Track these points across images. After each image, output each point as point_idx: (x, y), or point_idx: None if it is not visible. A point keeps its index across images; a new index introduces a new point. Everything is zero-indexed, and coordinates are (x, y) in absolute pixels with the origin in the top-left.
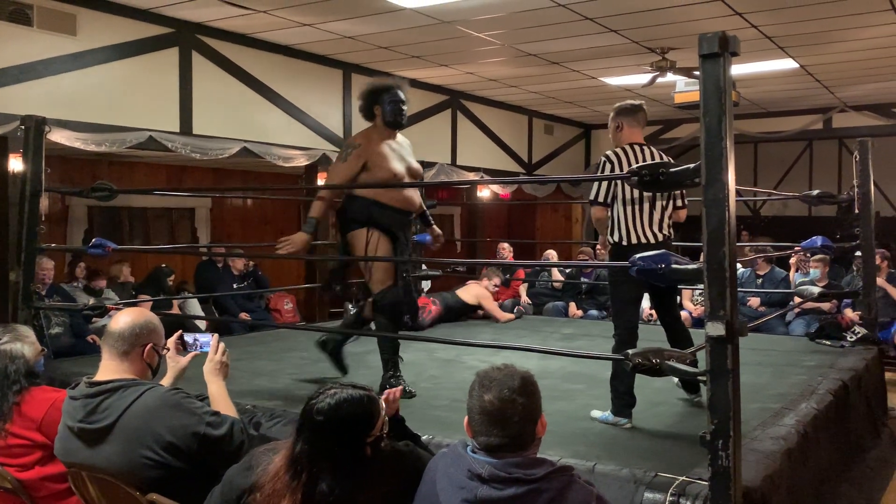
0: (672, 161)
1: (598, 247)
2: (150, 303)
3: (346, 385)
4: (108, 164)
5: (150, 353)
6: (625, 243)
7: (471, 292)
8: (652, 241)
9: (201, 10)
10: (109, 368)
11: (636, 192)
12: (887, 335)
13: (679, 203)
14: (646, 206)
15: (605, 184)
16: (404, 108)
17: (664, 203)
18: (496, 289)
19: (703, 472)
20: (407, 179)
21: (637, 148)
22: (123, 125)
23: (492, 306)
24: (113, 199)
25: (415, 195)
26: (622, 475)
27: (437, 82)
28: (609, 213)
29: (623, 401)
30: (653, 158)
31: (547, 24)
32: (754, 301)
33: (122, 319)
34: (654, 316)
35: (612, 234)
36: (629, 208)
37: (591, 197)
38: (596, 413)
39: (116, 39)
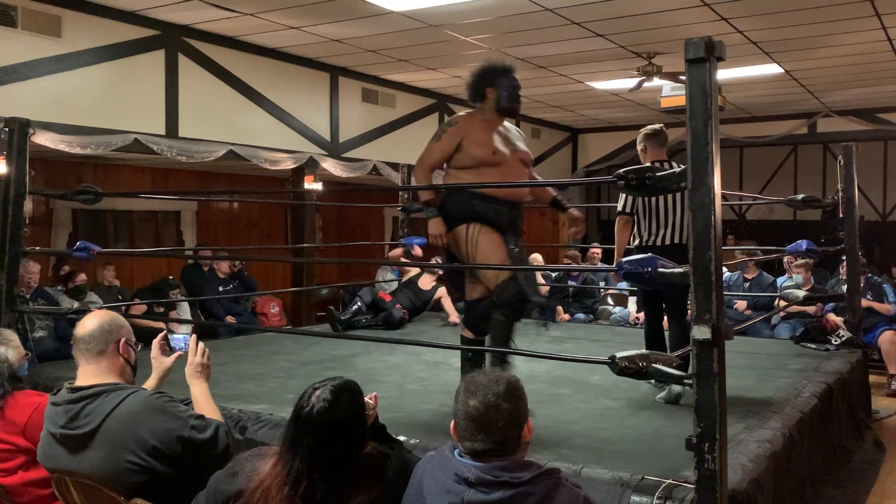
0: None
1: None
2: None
3: (323, 382)
4: (92, 167)
5: (125, 347)
6: (645, 244)
7: (434, 288)
8: (668, 243)
9: (187, 12)
10: (89, 373)
11: (653, 202)
12: (871, 338)
13: None
14: (661, 213)
15: (629, 196)
16: (520, 94)
17: (682, 211)
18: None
19: (689, 475)
20: (513, 163)
21: (658, 164)
22: (108, 128)
23: (450, 305)
24: (98, 201)
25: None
26: (609, 478)
27: (424, 86)
28: (634, 222)
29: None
30: None
31: (534, 29)
32: (741, 304)
33: (89, 323)
34: (641, 319)
35: (637, 237)
36: (651, 215)
37: (619, 209)
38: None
39: (102, 41)
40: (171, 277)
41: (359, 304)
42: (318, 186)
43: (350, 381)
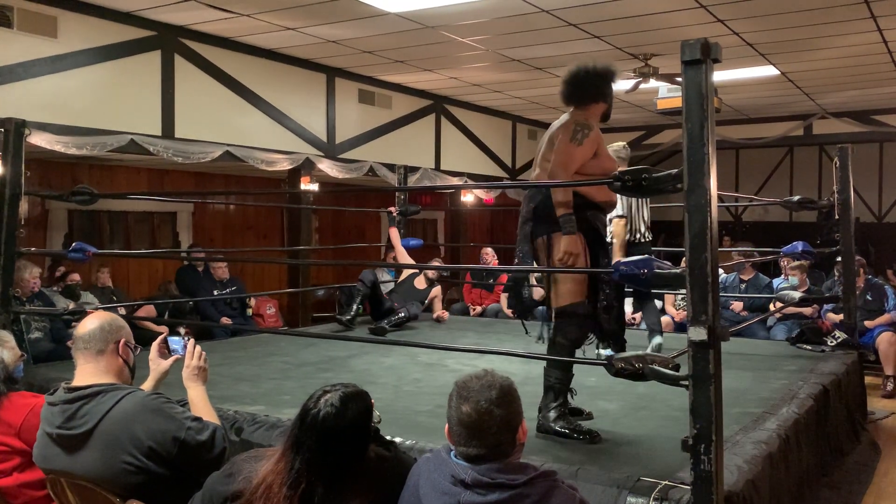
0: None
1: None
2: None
3: (335, 387)
4: (88, 168)
5: (125, 348)
6: (632, 239)
7: (428, 288)
8: (647, 239)
9: (184, 13)
10: (86, 372)
11: (639, 202)
12: (869, 339)
13: None
14: (634, 213)
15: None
16: None
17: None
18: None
19: (685, 477)
20: None
21: None
22: (104, 128)
23: (439, 304)
24: (93, 203)
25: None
26: (605, 480)
27: (420, 87)
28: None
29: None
30: None
31: (530, 30)
32: (737, 306)
33: (89, 323)
34: (637, 320)
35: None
36: (637, 215)
37: (619, 212)
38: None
39: (98, 42)
40: (169, 282)
41: (360, 290)
42: (315, 188)
43: (361, 390)
